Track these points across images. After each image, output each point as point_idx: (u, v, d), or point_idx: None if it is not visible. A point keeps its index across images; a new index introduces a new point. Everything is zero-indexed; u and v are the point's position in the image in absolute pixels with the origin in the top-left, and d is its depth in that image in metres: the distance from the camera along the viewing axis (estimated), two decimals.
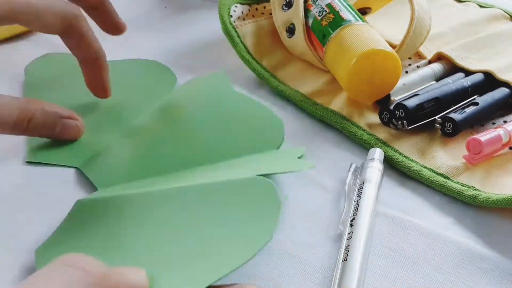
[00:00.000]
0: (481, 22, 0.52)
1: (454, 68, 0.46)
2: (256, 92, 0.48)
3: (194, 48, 0.54)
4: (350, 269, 0.30)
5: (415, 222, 0.35)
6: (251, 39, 0.51)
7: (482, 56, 0.47)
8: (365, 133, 0.42)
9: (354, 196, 0.36)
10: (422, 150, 0.40)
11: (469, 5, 0.55)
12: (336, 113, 0.43)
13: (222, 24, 0.50)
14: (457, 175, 0.38)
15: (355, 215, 0.34)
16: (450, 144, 0.41)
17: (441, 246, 0.34)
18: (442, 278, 0.32)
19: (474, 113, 0.41)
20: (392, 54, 0.42)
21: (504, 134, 0.39)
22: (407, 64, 0.48)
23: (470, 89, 0.43)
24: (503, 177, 0.38)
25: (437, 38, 0.50)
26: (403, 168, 0.39)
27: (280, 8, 0.49)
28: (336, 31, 0.44)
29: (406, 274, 0.32)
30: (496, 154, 0.39)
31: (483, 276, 0.32)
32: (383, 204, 0.37)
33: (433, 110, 0.41)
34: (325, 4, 0.46)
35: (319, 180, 0.39)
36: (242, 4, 0.52)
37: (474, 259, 0.33)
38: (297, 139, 0.43)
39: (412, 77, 0.44)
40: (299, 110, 0.46)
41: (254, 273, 0.32)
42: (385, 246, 0.34)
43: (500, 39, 0.49)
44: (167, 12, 0.61)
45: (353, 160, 0.40)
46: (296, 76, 0.48)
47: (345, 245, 0.32)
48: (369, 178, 0.36)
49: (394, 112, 0.41)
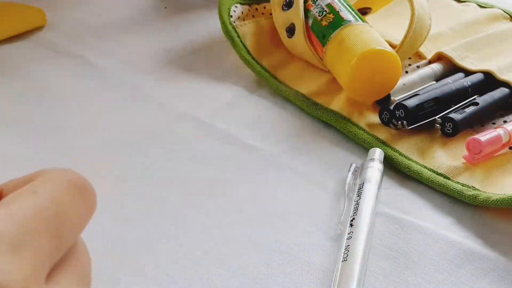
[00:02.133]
0: (481, 22, 0.52)
1: (454, 68, 0.46)
2: (256, 92, 0.48)
3: (194, 48, 0.54)
4: (350, 269, 0.30)
5: (415, 222, 0.35)
6: (251, 39, 0.51)
7: (482, 56, 0.47)
8: (365, 133, 0.42)
9: (354, 196, 0.36)
10: (422, 150, 0.40)
11: (469, 5, 0.55)
12: (336, 113, 0.43)
13: (222, 24, 0.50)
14: (457, 175, 0.38)
15: (355, 215, 0.34)
16: (450, 144, 0.41)
17: (441, 246, 0.34)
18: (442, 278, 0.32)
19: (474, 113, 0.41)
20: (392, 54, 0.42)
21: (504, 134, 0.39)
22: (407, 64, 0.48)
23: (470, 89, 0.43)
24: (503, 177, 0.38)
25: (437, 38, 0.50)
26: (403, 168, 0.39)
27: (280, 8, 0.49)
28: (336, 31, 0.44)
29: (406, 274, 0.32)
30: (496, 154, 0.39)
31: (483, 276, 0.32)
32: (383, 204, 0.37)
33: (433, 110, 0.41)
34: (325, 4, 0.46)
35: (319, 180, 0.39)
36: (242, 4, 0.52)
37: (474, 259, 0.33)
38: (297, 139, 0.43)
39: (412, 77, 0.44)
40: (299, 110, 0.46)
41: (255, 273, 0.32)
42: (385, 246, 0.34)
43: (500, 39, 0.49)
44: (167, 12, 0.61)
45: (353, 160, 0.40)
46: (296, 76, 0.48)
47: (345, 245, 0.32)
48: (369, 178, 0.36)
49: (394, 112, 0.41)
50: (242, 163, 0.41)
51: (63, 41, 0.55)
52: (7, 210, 0.18)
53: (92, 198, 0.21)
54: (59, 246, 0.19)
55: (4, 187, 0.21)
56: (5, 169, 0.40)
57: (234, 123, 0.44)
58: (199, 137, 0.43)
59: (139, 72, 0.51)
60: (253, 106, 0.46)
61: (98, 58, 0.52)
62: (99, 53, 0.53)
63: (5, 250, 0.17)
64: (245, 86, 0.49)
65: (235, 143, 0.42)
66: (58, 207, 0.19)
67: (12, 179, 0.21)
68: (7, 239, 0.17)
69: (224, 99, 0.47)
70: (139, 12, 0.60)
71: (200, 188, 0.38)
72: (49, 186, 0.20)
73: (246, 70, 0.49)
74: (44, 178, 0.20)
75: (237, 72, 0.50)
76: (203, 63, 0.52)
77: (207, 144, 0.42)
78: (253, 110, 0.46)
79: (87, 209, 0.21)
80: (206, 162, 0.41)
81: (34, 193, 0.19)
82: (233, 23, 0.51)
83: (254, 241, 0.34)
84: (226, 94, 0.48)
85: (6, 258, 0.17)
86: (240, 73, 0.50)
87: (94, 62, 0.52)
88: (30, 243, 0.18)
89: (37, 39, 0.55)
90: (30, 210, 0.18)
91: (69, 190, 0.20)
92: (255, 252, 0.34)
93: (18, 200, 0.19)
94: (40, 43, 0.54)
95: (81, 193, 0.20)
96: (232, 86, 0.49)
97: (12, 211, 0.18)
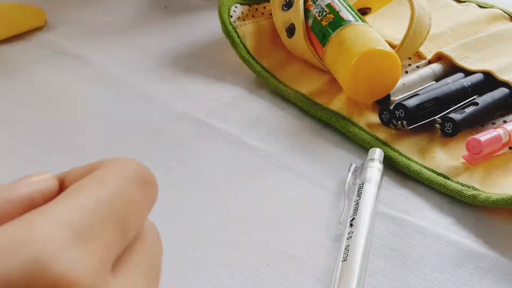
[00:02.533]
0: (481, 22, 0.52)
1: (454, 68, 0.46)
2: (256, 92, 0.48)
3: (194, 48, 0.54)
4: (350, 269, 0.30)
5: (415, 222, 0.35)
6: (251, 39, 0.51)
7: (482, 56, 0.47)
8: (365, 133, 0.42)
9: (354, 196, 0.36)
10: (422, 150, 0.40)
11: (469, 5, 0.55)
12: (336, 113, 0.43)
13: (222, 24, 0.50)
14: (457, 175, 0.38)
15: (355, 215, 0.34)
16: (450, 144, 0.41)
17: (441, 246, 0.34)
18: (442, 278, 0.32)
19: (473, 113, 0.41)
20: (392, 54, 0.42)
21: (503, 134, 0.39)
22: (407, 64, 0.48)
23: (470, 89, 0.43)
24: (503, 177, 0.38)
25: (437, 38, 0.50)
26: (403, 168, 0.39)
27: (280, 8, 0.49)
28: (336, 31, 0.44)
29: (406, 274, 0.32)
30: (496, 154, 0.39)
31: (483, 276, 0.32)
32: (383, 204, 0.37)
33: (433, 110, 0.41)
34: (325, 4, 0.46)
35: (319, 180, 0.39)
36: (242, 4, 0.52)
37: (474, 259, 0.33)
38: (297, 139, 0.43)
39: (412, 77, 0.45)
40: (299, 110, 0.46)
41: (255, 273, 0.32)
42: (385, 246, 0.34)
43: (499, 39, 0.49)
44: (167, 12, 0.61)
45: (353, 160, 0.40)
46: (296, 76, 0.48)
47: (345, 245, 0.32)
48: (369, 178, 0.36)
49: (394, 112, 0.41)
50: (242, 163, 0.41)
51: (63, 41, 0.55)
52: (75, 199, 0.18)
53: (155, 190, 0.21)
54: (124, 236, 0.19)
55: (67, 175, 0.21)
56: (5, 169, 0.40)
57: (234, 123, 0.44)
58: (199, 137, 0.43)
59: (139, 72, 0.51)
60: (253, 106, 0.46)
61: (98, 58, 0.52)
62: (99, 53, 0.53)
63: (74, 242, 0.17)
64: (245, 86, 0.49)
65: (235, 143, 0.42)
66: (124, 199, 0.19)
67: (75, 167, 0.21)
68: (76, 230, 0.17)
69: (224, 99, 0.47)
70: (139, 12, 0.60)
71: (200, 188, 0.38)
72: (116, 177, 0.19)
73: (246, 70, 0.49)
74: (110, 168, 0.20)
75: (237, 72, 0.50)
76: (203, 63, 0.52)
77: (207, 144, 0.42)
78: (253, 110, 0.46)
79: (150, 200, 0.21)
80: (206, 162, 0.41)
81: (101, 183, 0.19)
82: (233, 23, 0.51)
83: (254, 241, 0.34)
84: (226, 94, 0.48)
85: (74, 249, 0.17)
86: (240, 73, 0.50)
87: (94, 62, 0.52)
88: (98, 234, 0.18)
89: (37, 39, 0.55)
90: (97, 201, 0.18)
91: (134, 182, 0.20)
92: (255, 252, 0.34)
93: (85, 190, 0.18)
94: (40, 43, 0.54)
95: (146, 185, 0.20)
96: (232, 86, 0.49)
97: (80, 200, 0.18)
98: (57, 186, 0.20)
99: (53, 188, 0.20)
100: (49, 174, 0.20)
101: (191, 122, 0.45)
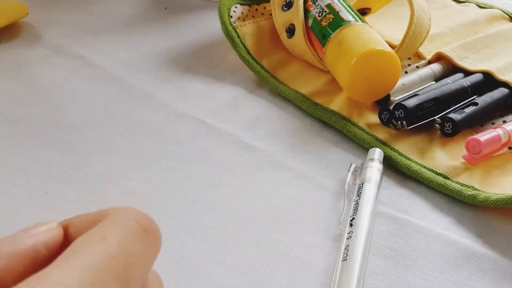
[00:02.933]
0: (481, 23, 0.52)
1: (453, 68, 0.46)
2: (256, 92, 0.48)
3: (194, 48, 0.54)
4: (350, 268, 0.30)
5: (415, 222, 0.35)
6: (251, 39, 0.51)
7: (482, 56, 0.47)
8: (364, 133, 0.42)
9: (353, 196, 0.36)
10: (421, 150, 0.40)
11: (469, 5, 0.55)
12: (336, 113, 0.44)
13: (222, 24, 0.50)
14: (457, 175, 0.38)
15: (354, 215, 0.34)
16: (449, 144, 0.41)
17: (440, 246, 0.34)
18: (441, 277, 0.32)
19: (473, 113, 0.41)
20: (392, 55, 0.42)
21: (503, 134, 0.39)
22: (407, 64, 0.48)
23: (470, 89, 0.43)
24: (503, 177, 0.38)
25: (436, 38, 0.50)
26: (403, 168, 0.39)
27: (280, 9, 0.49)
28: (336, 32, 0.44)
29: (406, 273, 0.32)
30: (496, 154, 0.39)
31: (483, 276, 0.32)
32: (383, 204, 0.37)
33: (433, 110, 0.41)
34: (325, 4, 0.46)
35: (319, 180, 0.39)
36: (242, 5, 0.52)
37: (474, 259, 0.33)
38: (297, 139, 0.43)
39: (412, 77, 0.45)
40: (299, 110, 0.46)
41: (255, 273, 0.32)
42: (385, 246, 0.34)
43: (499, 39, 0.49)
44: (167, 12, 0.61)
45: (353, 160, 0.40)
46: (296, 76, 0.48)
47: (345, 244, 0.32)
48: (369, 178, 0.36)
49: (394, 112, 0.41)
50: (242, 163, 0.41)
51: (63, 41, 0.55)
52: (77, 261, 0.18)
53: (158, 239, 0.21)
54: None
55: (71, 223, 0.21)
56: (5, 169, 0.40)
57: (234, 123, 0.44)
58: (199, 137, 0.43)
59: (139, 72, 0.51)
60: (253, 106, 0.46)
61: (98, 58, 0.52)
62: (99, 53, 0.53)
63: None
64: (245, 86, 0.49)
65: (235, 143, 0.42)
66: (127, 254, 0.19)
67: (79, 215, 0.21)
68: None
69: (224, 99, 0.47)
70: (139, 12, 0.60)
71: (200, 188, 0.38)
72: (117, 230, 0.19)
73: (246, 70, 0.49)
74: (111, 220, 0.20)
75: (237, 72, 0.50)
76: (203, 63, 0.52)
77: (207, 144, 0.42)
78: (253, 110, 0.46)
79: (153, 250, 0.21)
80: (206, 162, 0.41)
81: (103, 240, 0.19)
82: (233, 23, 0.51)
83: (254, 241, 0.34)
84: (226, 94, 0.48)
85: None
86: (240, 73, 0.50)
87: (94, 62, 0.52)
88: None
89: (37, 39, 0.55)
90: (100, 260, 0.18)
91: (137, 234, 0.20)
92: (255, 252, 0.34)
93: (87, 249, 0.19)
94: (40, 43, 0.54)
95: (149, 236, 0.20)
96: (232, 86, 0.49)
97: (82, 261, 0.18)
98: (61, 236, 0.20)
99: (57, 238, 0.20)
100: (54, 224, 0.20)
101: (191, 122, 0.45)
